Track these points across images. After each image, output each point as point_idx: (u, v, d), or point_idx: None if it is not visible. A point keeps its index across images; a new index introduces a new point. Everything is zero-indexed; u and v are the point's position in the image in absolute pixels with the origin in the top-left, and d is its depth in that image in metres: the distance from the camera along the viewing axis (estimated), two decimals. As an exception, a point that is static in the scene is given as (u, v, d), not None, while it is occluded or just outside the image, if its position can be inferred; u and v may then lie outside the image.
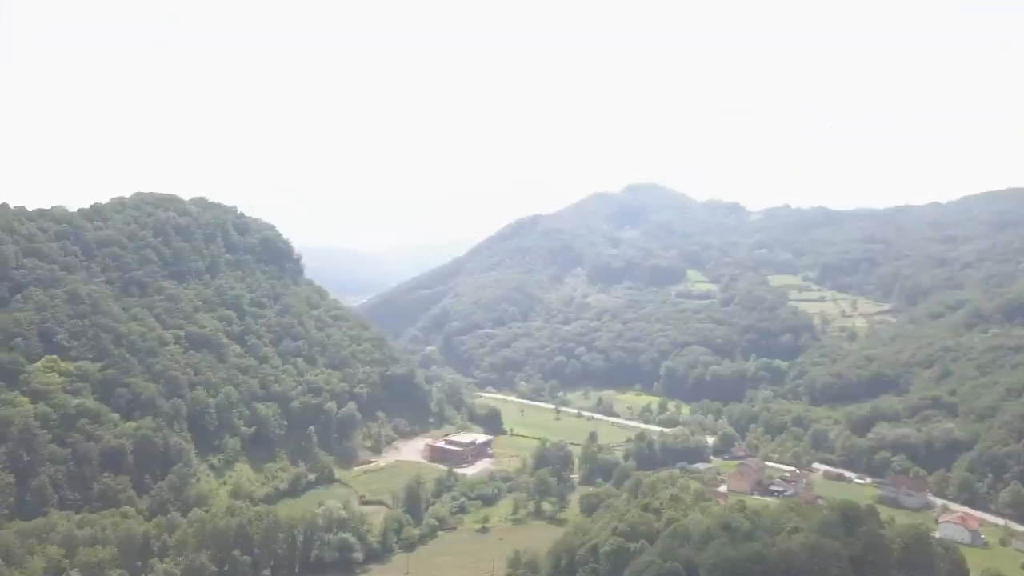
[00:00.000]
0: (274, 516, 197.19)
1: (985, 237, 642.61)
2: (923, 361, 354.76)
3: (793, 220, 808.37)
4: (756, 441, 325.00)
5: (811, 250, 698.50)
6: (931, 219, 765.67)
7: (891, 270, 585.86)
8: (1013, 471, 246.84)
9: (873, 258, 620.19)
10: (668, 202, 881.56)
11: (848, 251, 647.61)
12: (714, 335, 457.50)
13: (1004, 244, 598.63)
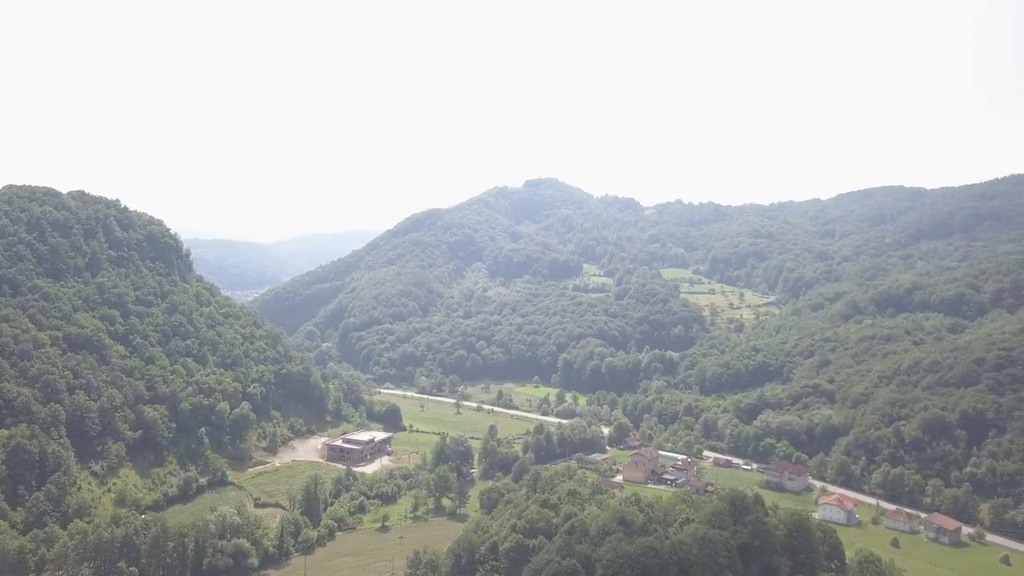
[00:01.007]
0: (163, 524, 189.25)
1: (861, 232, 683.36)
2: (805, 351, 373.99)
3: (685, 215, 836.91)
4: (650, 431, 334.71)
5: (702, 244, 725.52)
6: (812, 214, 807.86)
7: (776, 263, 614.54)
8: (884, 453, 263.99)
9: (759, 252, 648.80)
10: (566, 197, 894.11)
11: (736, 245, 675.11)
12: (609, 327, 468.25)
13: (877, 239, 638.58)
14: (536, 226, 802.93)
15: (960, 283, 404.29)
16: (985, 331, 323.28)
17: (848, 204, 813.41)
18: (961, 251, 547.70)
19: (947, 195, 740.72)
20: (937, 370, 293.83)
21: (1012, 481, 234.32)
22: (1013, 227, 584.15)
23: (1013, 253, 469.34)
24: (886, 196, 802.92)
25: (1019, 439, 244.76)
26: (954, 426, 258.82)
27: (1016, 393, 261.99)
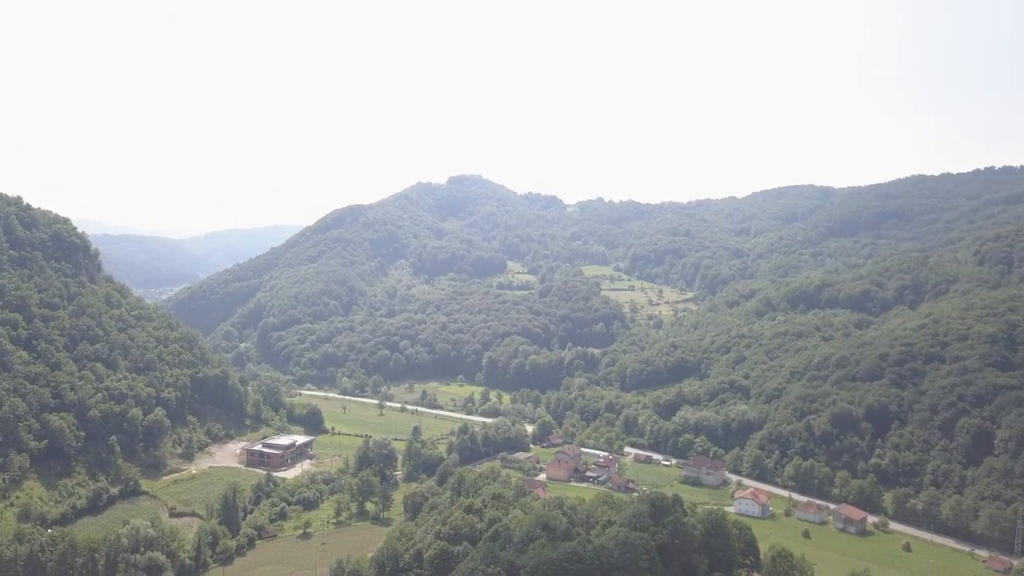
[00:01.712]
0: (71, 539, 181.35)
1: (774, 230, 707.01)
2: (721, 347, 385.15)
3: (606, 213, 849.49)
4: (573, 428, 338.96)
5: (622, 242, 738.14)
6: (728, 212, 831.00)
7: (694, 261, 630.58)
8: (796, 447, 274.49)
9: (678, 249, 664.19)
10: (490, 194, 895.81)
11: (656, 243, 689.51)
12: (533, 325, 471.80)
13: (790, 237, 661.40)
14: (460, 223, 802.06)
15: (866, 280, 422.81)
16: (888, 327, 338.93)
17: (762, 202, 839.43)
18: (867, 248, 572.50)
19: (854, 194, 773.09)
20: (845, 365, 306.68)
21: (912, 471, 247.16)
22: (913, 226, 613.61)
23: (913, 251, 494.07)
24: (798, 195, 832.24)
25: (919, 431, 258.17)
26: (860, 419, 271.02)
27: (916, 387, 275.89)
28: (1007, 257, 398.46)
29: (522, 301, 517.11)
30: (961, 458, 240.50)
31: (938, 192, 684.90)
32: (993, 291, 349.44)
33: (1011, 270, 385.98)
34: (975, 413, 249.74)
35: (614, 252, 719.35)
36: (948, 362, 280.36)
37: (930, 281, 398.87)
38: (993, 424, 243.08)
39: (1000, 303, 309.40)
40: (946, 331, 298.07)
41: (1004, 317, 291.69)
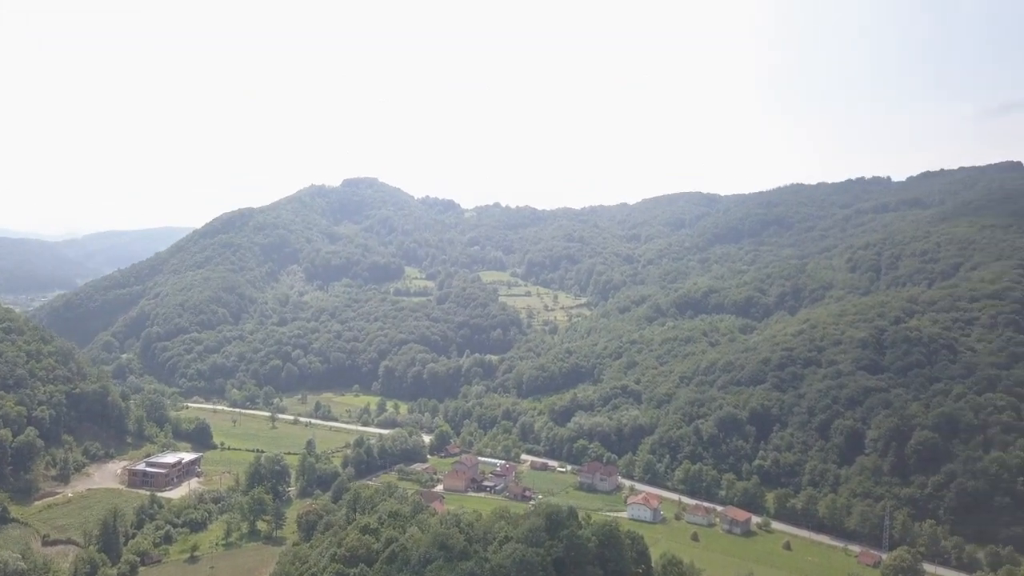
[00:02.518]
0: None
1: (663, 236, 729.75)
2: (613, 353, 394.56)
3: (503, 218, 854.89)
4: (470, 437, 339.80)
5: (519, 247, 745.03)
6: (620, 219, 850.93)
7: (587, 266, 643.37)
8: (685, 451, 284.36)
9: (572, 255, 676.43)
10: (386, 197, 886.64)
11: (551, 249, 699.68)
12: (431, 333, 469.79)
13: (678, 243, 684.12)
14: (356, 227, 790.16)
15: (749, 287, 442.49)
16: (770, 332, 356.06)
17: (653, 209, 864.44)
18: (751, 255, 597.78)
19: (739, 202, 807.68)
20: (730, 370, 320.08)
21: (792, 471, 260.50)
22: (793, 233, 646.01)
23: (793, 258, 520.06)
24: (686, 202, 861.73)
25: (798, 432, 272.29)
26: (745, 422, 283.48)
27: (796, 390, 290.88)
28: (876, 264, 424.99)
29: (420, 308, 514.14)
30: (836, 458, 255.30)
31: (815, 200, 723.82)
32: (863, 297, 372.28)
33: (879, 277, 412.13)
34: (848, 415, 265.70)
35: (511, 257, 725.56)
36: (824, 366, 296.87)
37: (808, 287, 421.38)
38: (864, 425, 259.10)
39: (870, 309, 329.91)
40: (822, 336, 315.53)
41: (873, 323, 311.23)
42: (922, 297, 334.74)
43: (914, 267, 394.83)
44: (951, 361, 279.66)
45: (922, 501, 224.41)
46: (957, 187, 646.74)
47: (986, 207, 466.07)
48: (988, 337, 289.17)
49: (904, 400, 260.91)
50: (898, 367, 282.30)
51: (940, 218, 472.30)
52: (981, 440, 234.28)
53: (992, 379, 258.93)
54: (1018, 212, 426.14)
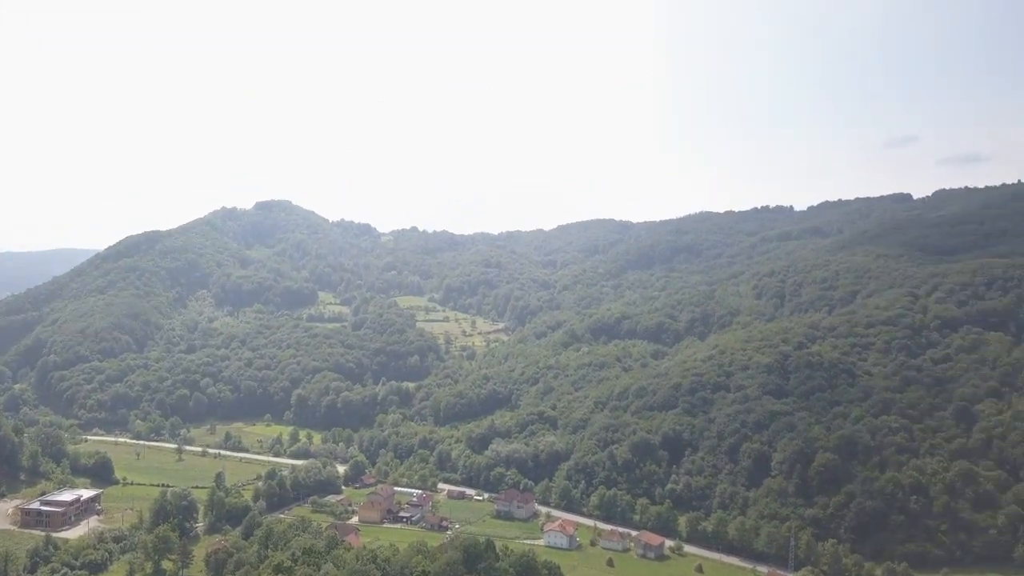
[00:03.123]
0: None
1: (578, 262, 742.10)
2: (530, 379, 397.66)
3: (421, 243, 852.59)
4: (386, 466, 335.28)
5: (437, 272, 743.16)
6: (537, 244, 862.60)
7: (505, 292, 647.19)
8: (600, 476, 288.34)
9: (490, 280, 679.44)
10: (300, 221, 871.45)
11: (469, 274, 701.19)
12: (346, 360, 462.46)
13: (592, 269, 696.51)
14: (268, 251, 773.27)
15: (661, 312, 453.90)
16: (681, 358, 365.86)
17: (568, 235, 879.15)
18: (662, 281, 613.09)
19: (650, 229, 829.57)
20: (643, 395, 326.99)
21: (704, 494, 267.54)
22: (702, 259, 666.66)
23: (702, 284, 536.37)
24: (600, 228, 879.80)
25: (709, 456, 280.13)
26: (657, 447, 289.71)
27: (706, 415, 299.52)
28: (780, 291, 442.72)
29: (334, 334, 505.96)
30: (744, 481, 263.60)
31: (723, 228, 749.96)
32: (769, 323, 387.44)
33: (783, 303, 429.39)
34: (755, 438, 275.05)
35: (429, 282, 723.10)
36: (732, 391, 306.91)
37: (716, 313, 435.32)
38: (770, 448, 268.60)
39: (775, 335, 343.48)
40: (730, 362, 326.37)
41: (778, 348, 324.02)
42: (823, 323, 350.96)
43: (815, 294, 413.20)
44: (850, 385, 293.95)
45: (824, 521, 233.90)
46: (854, 216, 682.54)
47: (879, 237, 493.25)
48: (883, 362, 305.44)
49: (807, 423, 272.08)
50: (801, 391, 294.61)
51: (839, 247, 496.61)
52: (877, 461, 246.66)
53: (887, 402, 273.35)
54: (908, 242, 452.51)
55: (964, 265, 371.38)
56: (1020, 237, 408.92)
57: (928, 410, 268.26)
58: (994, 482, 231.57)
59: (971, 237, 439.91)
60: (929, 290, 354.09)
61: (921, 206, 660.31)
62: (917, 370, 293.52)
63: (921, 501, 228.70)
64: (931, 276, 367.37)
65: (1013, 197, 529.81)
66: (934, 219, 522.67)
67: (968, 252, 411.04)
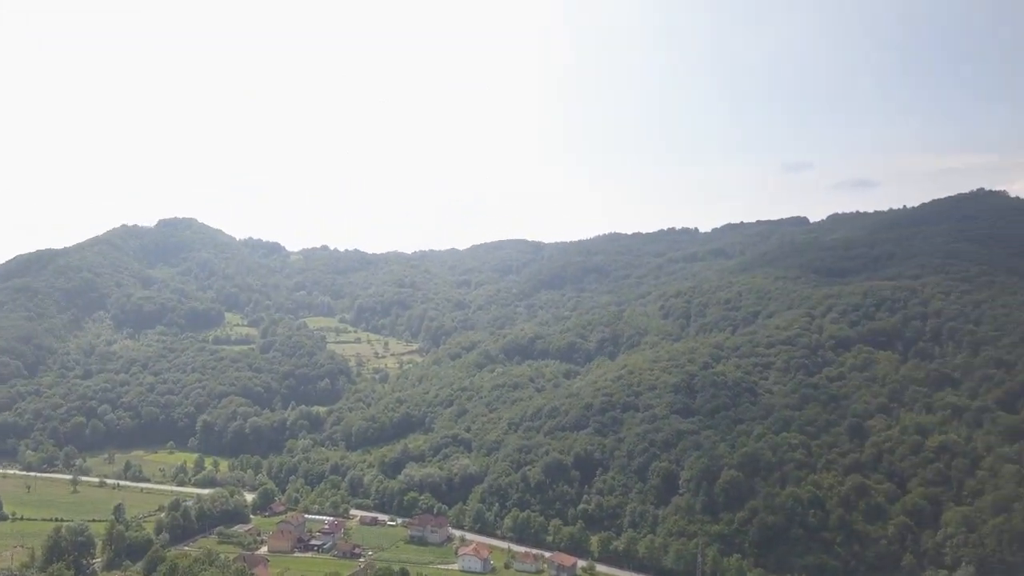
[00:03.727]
0: None
1: (492, 282, 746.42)
2: (444, 400, 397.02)
3: (331, 262, 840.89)
4: (296, 493, 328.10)
5: (348, 292, 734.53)
6: (451, 264, 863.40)
7: (418, 312, 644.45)
8: (514, 498, 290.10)
9: (403, 301, 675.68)
10: (206, 239, 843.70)
11: (382, 294, 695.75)
12: (254, 384, 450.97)
13: (506, 289, 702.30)
14: (172, 271, 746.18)
15: (572, 333, 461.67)
16: (592, 378, 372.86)
17: (482, 255, 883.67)
18: (573, 301, 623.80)
19: (561, 249, 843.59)
20: (555, 415, 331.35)
21: (615, 514, 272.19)
22: (611, 280, 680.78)
23: (611, 304, 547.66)
24: (513, 248, 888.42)
25: (619, 476, 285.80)
26: (570, 467, 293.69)
27: (616, 434, 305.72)
28: (686, 312, 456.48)
29: (242, 357, 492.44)
30: (654, 499, 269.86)
31: (631, 249, 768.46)
32: (675, 343, 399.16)
33: (689, 323, 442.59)
34: (663, 457, 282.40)
35: (340, 303, 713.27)
36: (641, 410, 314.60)
37: (625, 333, 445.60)
38: (678, 466, 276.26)
39: (681, 355, 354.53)
40: (639, 381, 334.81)
41: (684, 368, 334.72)
42: (727, 343, 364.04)
43: (719, 314, 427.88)
44: (752, 403, 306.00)
45: (729, 537, 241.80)
46: (755, 239, 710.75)
47: (779, 259, 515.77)
48: (783, 380, 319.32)
49: (713, 441, 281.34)
50: (707, 410, 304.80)
51: (741, 269, 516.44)
52: (778, 477, 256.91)
53: (787, 419, 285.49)
54: (804, 265, 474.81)
55: (856, 287, 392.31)
56: (906, 260, 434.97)
57: (824, 426, 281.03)
58: (884, 494, 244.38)
59: (862, 260, 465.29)
60: (824, 311, 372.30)
61: (817, 229, 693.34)
62: (814, 388, 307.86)
63: (819, 515, 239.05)
64: (826, 297, 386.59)
65: (899, 222, 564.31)
66: (829, 242, 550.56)
67: (859, 274, 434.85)
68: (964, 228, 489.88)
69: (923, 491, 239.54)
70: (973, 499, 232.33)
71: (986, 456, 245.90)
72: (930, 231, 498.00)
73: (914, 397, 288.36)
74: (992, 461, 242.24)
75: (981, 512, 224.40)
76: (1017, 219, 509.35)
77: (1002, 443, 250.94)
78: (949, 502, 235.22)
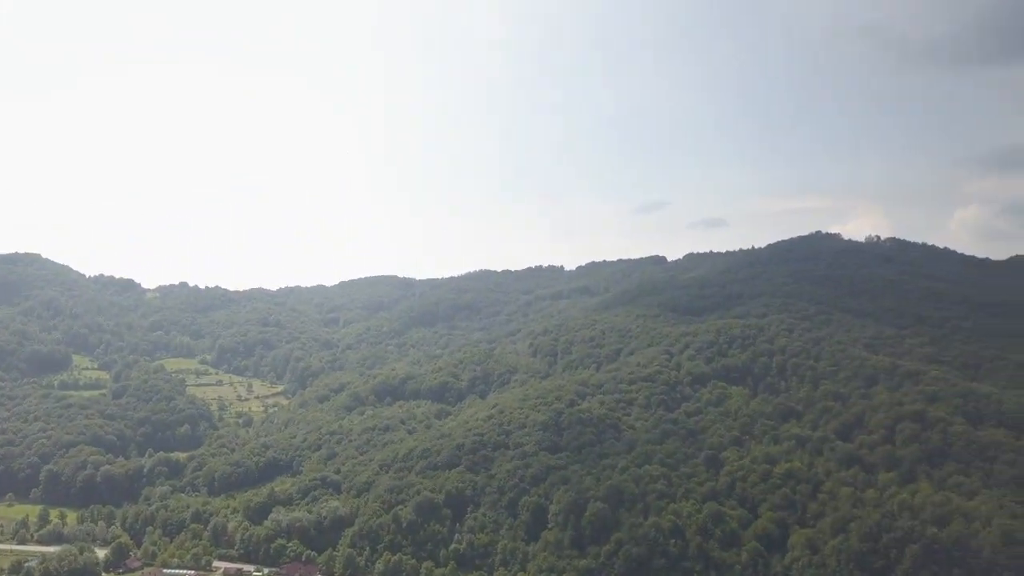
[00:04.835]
0: None
1: (362, 320, 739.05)
2: (313, 444, 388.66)
3: (191, 300, 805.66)
4: (154, 546, 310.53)
5: (209, 332, 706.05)
6: (318, 301, 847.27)
7: (284, 352, 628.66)
8: (385, 540, 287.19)
9: (267, 340, 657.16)
10: (51, 277, 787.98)
11: (245, 333, 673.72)
12: (106, 432, 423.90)
13: (376, 327, 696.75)
14: (12, 310, 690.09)
15: (444, 372, 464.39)
16: (463, 417, 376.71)
17: (351, 292, 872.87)
18: (444, 338, 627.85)
19: (433, 286, 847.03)
20: (427, 456, 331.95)
21: (486, 551, 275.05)
22: (482, 317, 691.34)
23: (482, 342, 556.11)
24: (384, 285, 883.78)
25: (490, 512, 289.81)
26: (441, 506, 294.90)
27: (487, 472, 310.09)
28: (553, 349, 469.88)
29: (92, 403, 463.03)
30: (524, 535, 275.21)
31: (501, 286, 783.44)
32: (544, 381, 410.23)
33: (556, 361, 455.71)
34: (533, 492, 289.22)
35: (200, 343, 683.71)
36: (512, 448, 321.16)
37: (496, 372, 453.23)
38: (547, 500, 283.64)
39: (549, 392, 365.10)
40: (509, 420, 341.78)
41: (552, 405, 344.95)
42: (591, 380, 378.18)
43: (584, 352, 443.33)
44: (616, 439, 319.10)
45: (596, 570, 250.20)
46: (617, 276, 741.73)
47: (639, 297, 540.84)
48: (644, 416, 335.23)
49: (580, 476, 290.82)
50: (574, 446, 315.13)
51: (604, 307, 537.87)
52: (642, 508, 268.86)
53: (649, 453, 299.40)
54: (663, 303, 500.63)
55: (710, 325, 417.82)
56: (752, 300, 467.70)
57: (683, 458, 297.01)
58: (737, 520, 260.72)
59: (715, 299, 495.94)
60: (682, 348, 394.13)
61: (674, 268, 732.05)
62: (673, 422, 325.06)
63: (679, 544, 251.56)
64: (683, 335, 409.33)
65: (747, 262, 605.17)
66: (685, 281, 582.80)
67: (713, 312, 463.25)
68: (804, 269, 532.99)
69: (772, 515, 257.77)
70: (815, 521, 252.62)
71: (826, 481, 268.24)
72: (773, 272, 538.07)
73: (763, 429, 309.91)
74: (831, 485, 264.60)
75: (822, 534, 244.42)
76: (849, 261, 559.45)
77: (839, 469, 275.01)
78: (795, 525, 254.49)
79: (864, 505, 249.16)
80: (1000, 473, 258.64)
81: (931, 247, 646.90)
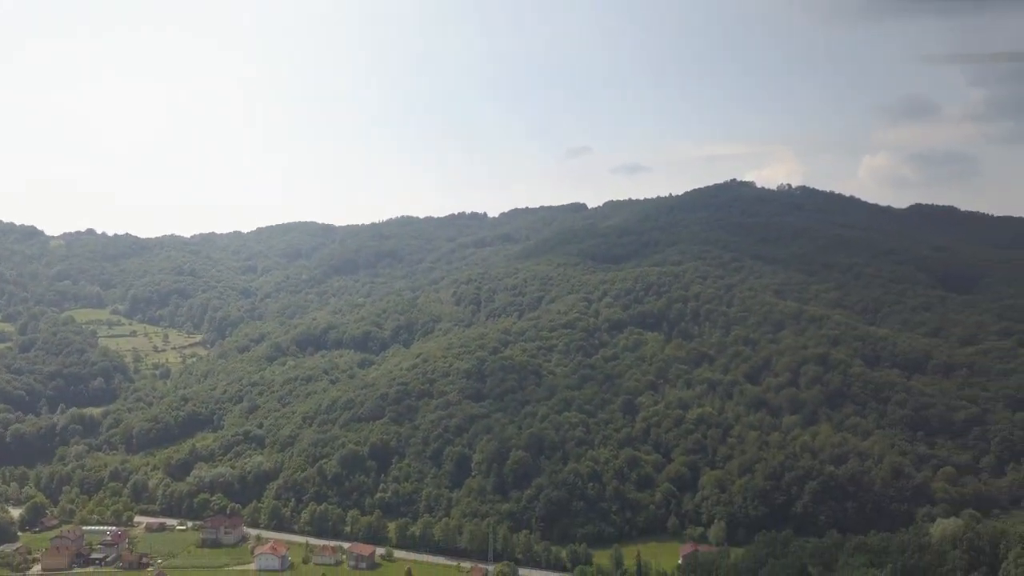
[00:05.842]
0: None
1: (280, 268, 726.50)
2: (234, 396, 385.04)
3: (99, 248, 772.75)
4: (71, 505, 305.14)
5: (120, 281, 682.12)
6: (235, 248, 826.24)
7: (201, 301, 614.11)
8: (310, 492, 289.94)
9: (183, 289, 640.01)
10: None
11: (159, 282, 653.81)
12: (14, 387, 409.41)
13: (296, 275, 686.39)
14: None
15: (367, 321, 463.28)
16: (387, 367, 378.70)
17: (268, 239, 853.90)
18: (367, 287, 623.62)
19: (353, 233, 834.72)
20: (351, 407, 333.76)
21: (411, 500, 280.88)
22: (405, 264, 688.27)
23: (405, 290, 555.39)
24: (302, 232, 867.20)
25: (415, 462, 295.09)
26: (366, 458, 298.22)
27: (411, 422, 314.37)
28: (476, 298, 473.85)
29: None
30: (448, 483, 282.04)
31: (423, 233, 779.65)
32: (467, 329, 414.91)
33: (479, 309, 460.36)
34: (457, 441, 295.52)
35: (111, 293, 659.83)
36: (436, 397, 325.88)
37: (420, 321, 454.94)
38: (470, 449, 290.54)
39: (472, 341, 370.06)
40: (433, 369, 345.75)
41: (475, 354, 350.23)
42: (514, 328, 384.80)
43: (507, 300, 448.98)
44: (537, 385, 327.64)
45: (518, 514, 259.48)
46: (538, 224, 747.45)
47: (559, 246, 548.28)
48: (564, 362, 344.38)
49: (502, 424, 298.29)
50: (497, 393, 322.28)
51: (525, 255, 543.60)
52: (561, 454, 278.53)
53: (568, 399, 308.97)
54: (583, 251, 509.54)
55: (627, 272, 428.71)
56: (669, 247, 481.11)
57: (601, 404, 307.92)
58: (652, 464, 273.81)
59: (633, 247, 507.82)
60: (600, 295, 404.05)
61: (594, 216, 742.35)
62: (592, 368, 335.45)
63: (596, 487, 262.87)
64: (601, 283, 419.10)
65: (664, 210, 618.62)
66: (604, 229, 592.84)
67: (630, 260, 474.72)
68: (719, 217, 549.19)
69: (684, 459, 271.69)
70: (724, 463, 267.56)
71: (735, 425, 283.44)
72: (690, 219, 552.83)
73: (677, 373, 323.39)
74: (740, 429, 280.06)
75: (730, 474, 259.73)
76: (761, 209, 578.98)
77: (748, 412, 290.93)
78: (706, 467, 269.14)
79: (769, 447, 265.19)
80: (892, 413, 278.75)
81: (839, 195, 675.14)
